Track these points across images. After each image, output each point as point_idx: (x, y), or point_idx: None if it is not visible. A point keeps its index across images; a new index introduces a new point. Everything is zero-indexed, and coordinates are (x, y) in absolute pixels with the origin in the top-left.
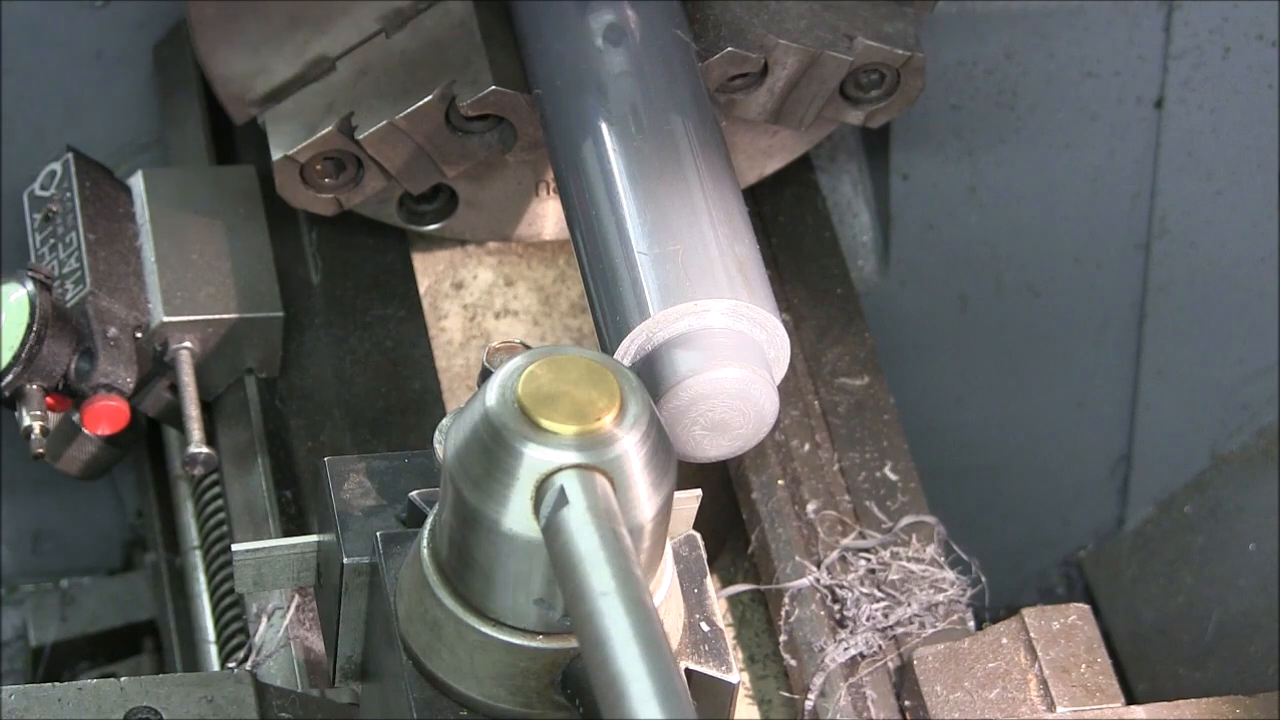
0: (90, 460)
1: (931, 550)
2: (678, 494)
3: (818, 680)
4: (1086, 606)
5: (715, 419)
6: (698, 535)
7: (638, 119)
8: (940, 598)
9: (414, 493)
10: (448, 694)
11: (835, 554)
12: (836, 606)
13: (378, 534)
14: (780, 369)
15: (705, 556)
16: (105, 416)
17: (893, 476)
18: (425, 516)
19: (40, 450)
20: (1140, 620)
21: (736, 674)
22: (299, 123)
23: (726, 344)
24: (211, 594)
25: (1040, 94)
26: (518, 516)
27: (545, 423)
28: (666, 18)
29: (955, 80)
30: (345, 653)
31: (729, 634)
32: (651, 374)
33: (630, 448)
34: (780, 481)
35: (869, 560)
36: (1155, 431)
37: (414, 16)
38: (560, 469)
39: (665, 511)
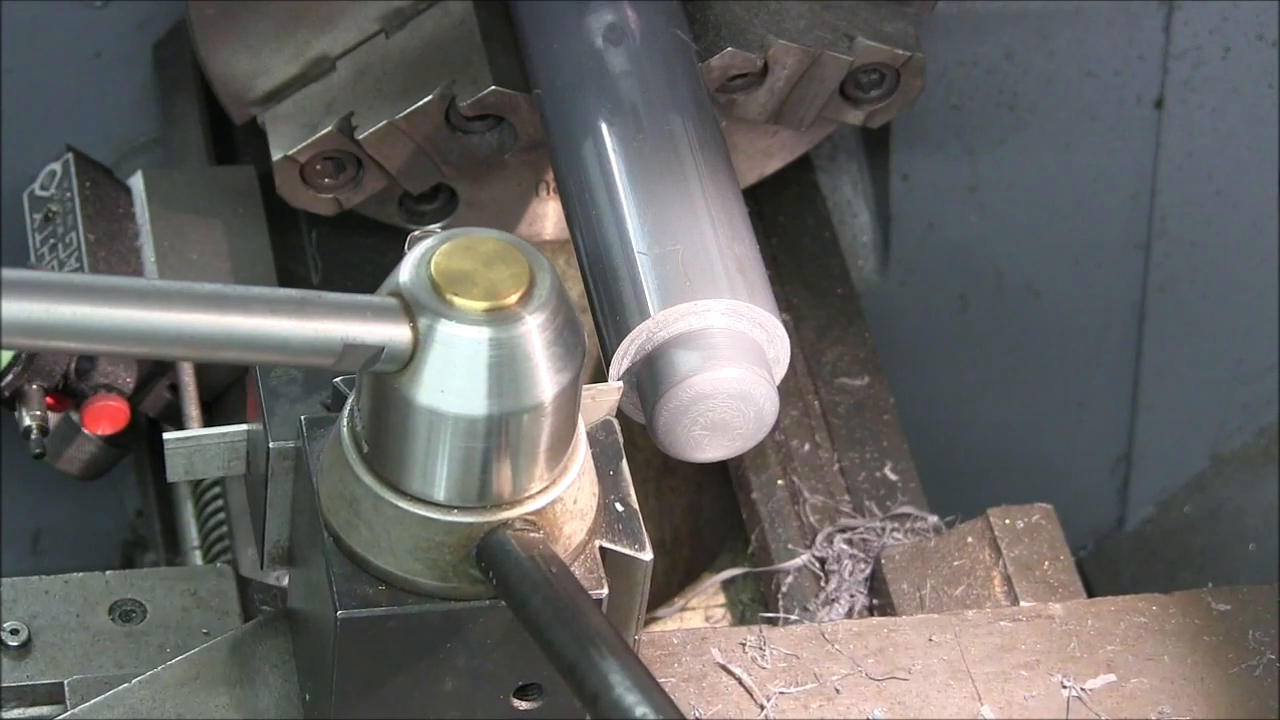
0: (90, 460)
1: None
2: (599, 386)
3: None
4: (1049, 506)
5: (715, 419)
6: (615, 421)
7: (638, 119)
8: None
9: (337, 379)
10: (367, 569)
11: (827, 530)
12: (824, 579)
13: (302, 418)
14: (780, 369)
15: (621, 441)
16: (105, 416)
17: (893, 476)
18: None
19: (40, 450)
20: None
21: (649, 552)
22: (299, 123)
23: (726, 344)
24: None
25: (1040, 94)
26: (429, 390)
27: (456, 299)
28: (666, 18)
29: (955, 80)
30: (273, 537)
31: None
32: (651, 374)
33: (534, 327)
34: (780, 481)
35: (860, 533)
36: (1155, 431)
37: (414, 16)
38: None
39: (570, 395)
